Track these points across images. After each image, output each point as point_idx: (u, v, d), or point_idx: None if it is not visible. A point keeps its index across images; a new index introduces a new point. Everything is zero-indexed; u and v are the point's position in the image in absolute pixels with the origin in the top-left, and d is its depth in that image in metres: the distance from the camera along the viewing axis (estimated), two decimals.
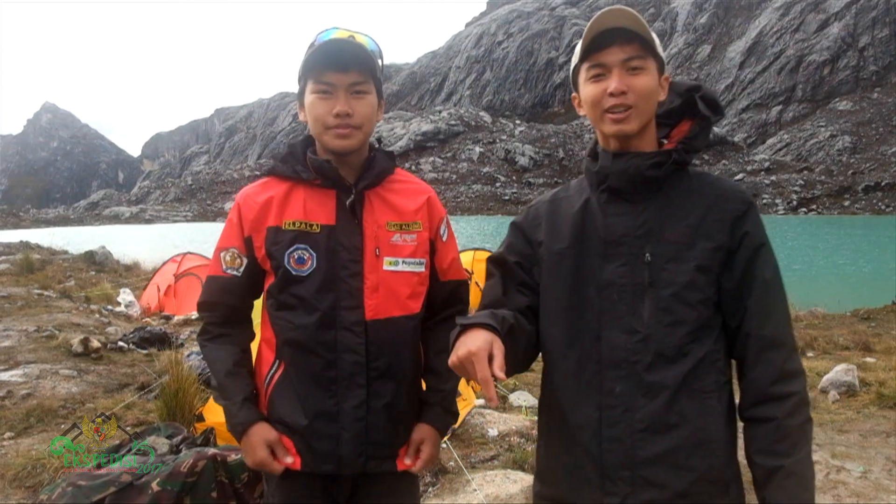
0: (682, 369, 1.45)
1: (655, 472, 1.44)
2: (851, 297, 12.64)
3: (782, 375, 1.44)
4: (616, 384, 1.47)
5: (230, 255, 1.77)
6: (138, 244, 30.63)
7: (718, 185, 1.55)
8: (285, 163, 1.78)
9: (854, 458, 4.29)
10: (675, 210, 1.51)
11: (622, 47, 1.49)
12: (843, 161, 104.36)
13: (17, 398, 5.27)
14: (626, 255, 1.51)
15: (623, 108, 1.50)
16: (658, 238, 1.50)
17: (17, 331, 7.50)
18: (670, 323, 1.46)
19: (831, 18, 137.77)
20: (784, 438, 1.41)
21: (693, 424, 1.44)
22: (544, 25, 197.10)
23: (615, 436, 1.46)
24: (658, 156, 1.52)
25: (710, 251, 1.47)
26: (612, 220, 1.54)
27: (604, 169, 1.55)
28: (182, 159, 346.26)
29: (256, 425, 1.71)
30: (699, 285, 1.47)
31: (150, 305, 11.49)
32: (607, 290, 1.51)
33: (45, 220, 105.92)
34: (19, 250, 19.87)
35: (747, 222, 1.50)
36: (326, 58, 1.69)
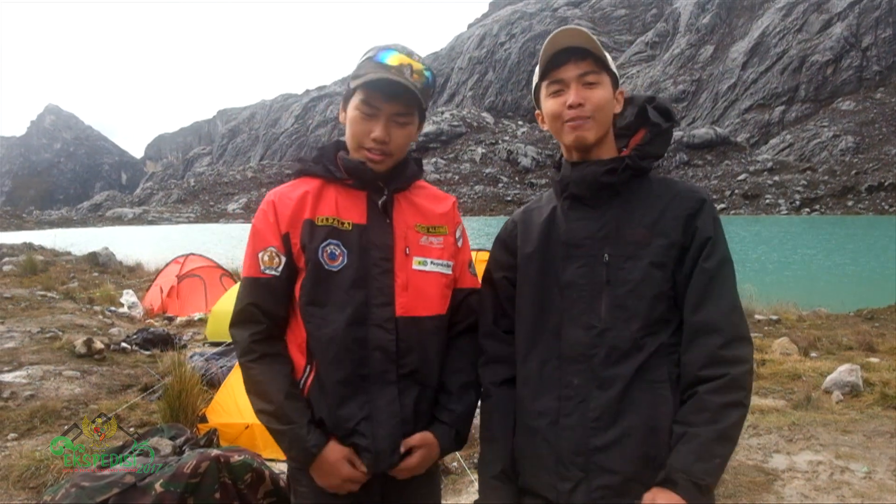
0: (635, 362, 1.53)
1: (607, 459, 1.52)
2: (855, 298, 12.62)
3: (714, 360, 1.47)
4: (574, 377, 1.58)
5: (268, 255, 1.73)
6: (141, 245, 30.68)
7: (675, 187, 1.65)
8: (317, 163, 1.79)
9: (858, 458, 4.28)
10: (633, 212, 1.62)
11: (577, 63, 1.62)
12: (847, 161, 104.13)
13: (20, 399, 5.28)
14: (585, 257, 1.62)
15: (581, 118, 1.62)
16: (617, 239, 1.60)
17: (20, 332, 7.52)
18: (625, 318, 1.55)
19: (834, 18, 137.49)
20: (700, 411, 1.45)
21: (643, 413, 1.51)
22: (547, 26, 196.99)
23: (570, 424, 1.56)
24: (612, 163, 1.63)
25: (665, 248, 1.56)
26: (574, 224, 1.66)
27: (564, 178, 1.69)
28: (185, 161, 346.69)
29: (330, 444, 1.67)
30: (654, 281, 1.55)
31: (152, 307, 11.50)
32: (568, 289, 1.63)
33: (49, 222, 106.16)
34: (23, 252, 19.90)
35: (699, 219, 1.58)
36: (378, 84, 1.69)
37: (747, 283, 12.48)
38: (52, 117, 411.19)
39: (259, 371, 1.71)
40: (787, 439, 4.65)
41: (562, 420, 1.58)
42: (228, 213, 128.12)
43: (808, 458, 4.29)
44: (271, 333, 1.74)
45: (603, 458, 1.52)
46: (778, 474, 4.06)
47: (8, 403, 5.19)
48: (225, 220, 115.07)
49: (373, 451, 1.69)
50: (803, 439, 4.63)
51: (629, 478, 1.49)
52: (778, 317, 10.61)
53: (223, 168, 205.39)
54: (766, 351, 7.75)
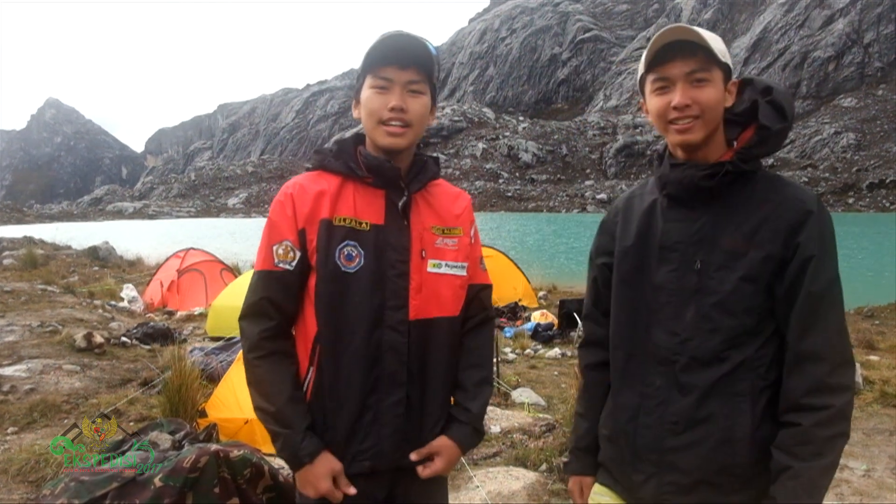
0: (715, 373, 1.53)
1: (679, 459, 1.56)
2: (855, 295, 12.59)
3: (818, 388, 1.44)
4: (657, 378, 1.61)
5: (283, 249, 1.70)
6: (141, 240, 30.70)
7: (782, 192, 1.54)
8: (337, 158, 1.77)
9: (857, 456, 4.28)
10: (731, 218, 1.55)
11: (685, 61, 1.53)
12: (848, 158, 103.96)
13: (20, 393, 5.29)
14: (677, 261, 1.60)
15: (688, 119, 1.55)
16: (711, 246, 1.56)
17: (20, 326, 7.52)
18: (709, 330, 1.54)
19: (836, 14, 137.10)
20: (806, 444, 1.43)
21: (720, 423, 1.52)
22: (548, 21, 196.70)
23: (649, 423, 1.62)
24: (712, 167, 1.55)
25: (760, 261, 1.50)
26: (670, 225, 1.63)
27: (664, 176, 1.65)
28: (185, 155, 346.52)
29: (321, 455, 1.67)
30: (744, 295, 1.51)
31: (153, 301, 11.51)
32: (659, 291, 1.63)
33: (49, 216, 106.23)
34: (23, 245, 19.90)
35: (802, 233, 1.48)
36: (387, 52, 1.70)
37: None
38: (53, 111, 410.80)
39: (265, 370, 1.69)
40: None
41: (642, 418, 1.63)
42: (229, 207, 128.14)
43: None
44: (281, 330, 1.73)
45: (675, 457, 1.57)
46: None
47: (8, 397, 5.19)
48: (225, 215, 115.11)
49: (375, 449, 1.70)
50: None
51: (699, 479, 1.55)
52: None
53: (223, 163, 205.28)
54: None
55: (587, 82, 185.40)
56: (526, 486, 3.72)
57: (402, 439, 1.73)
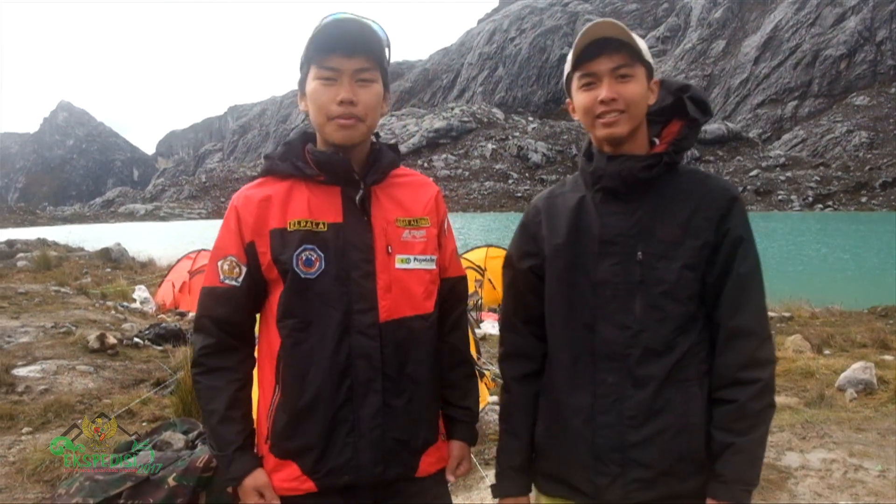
0: (669, 361, 1.56)
1: (642, 454, 1.56)
2: (869, 295, 12.51)
3: (749, 362, 1.55)
4: (608, 375, 1.60)
5: (228, 264, 1.64)
6: (153, 241, 30.88)
7: (706, 184, 1.63)
8: (283, 160, 1.67)
9: (872, 456, 4.24)
10: (666, 209, 1.60)
11: (611, 56, 1.58)
12: (860, 157, 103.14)
13: (35, 393, 5.33)
14: (619, 254, 1.60)
15: (615, 113, 1.58)
16: (650, 237, 1.59)
17: (34, 327, 7.58)
18: (659, 319, 1.57)
19: (848, 12, 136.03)
20: (742, 419, 1.53)
21: (676, 411, 1.56)
22: (557, 21, 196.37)
23: (607, 422, 1.59)
24: (650, 159, 1.60)
25: (697, 249, 1.57)
26: (607, 219, 1.63)
27: (598, 170, 1.64)
28: (196, 157, 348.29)
29: (248, 476, 1.63)
30: (687, 282, 1.57)
31: (165, 302, 11.58)
32: (601, 287, 1.61)
33: (62, 218, 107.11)
34: (36, 247, 20.08)
35: (730, 219, 1.58)
36: (332, 40, 1.58)
37: None
38: (65, 114, 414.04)
39: (202, 386, 1.67)
40: (800, 437, 4.62)
41: (598, 418, 1.60)
42: None
43: (821, 456, 4.26)
44: (223, 346, 1.66)
45: (638, 453, 1.57)
46: (791, 472, 4.03)
47: (22, 398, 5.24)
48: None
49: (353, 465, 1.62)
50: (817, 437, 4.60)
51: (663, 472, 1.56)
52: (791, 314, 10.53)
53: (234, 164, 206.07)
54: (778, 348, 7.70)
55: None
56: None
57: (386, 451, 1.64)
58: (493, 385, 5.93)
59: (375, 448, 1.63)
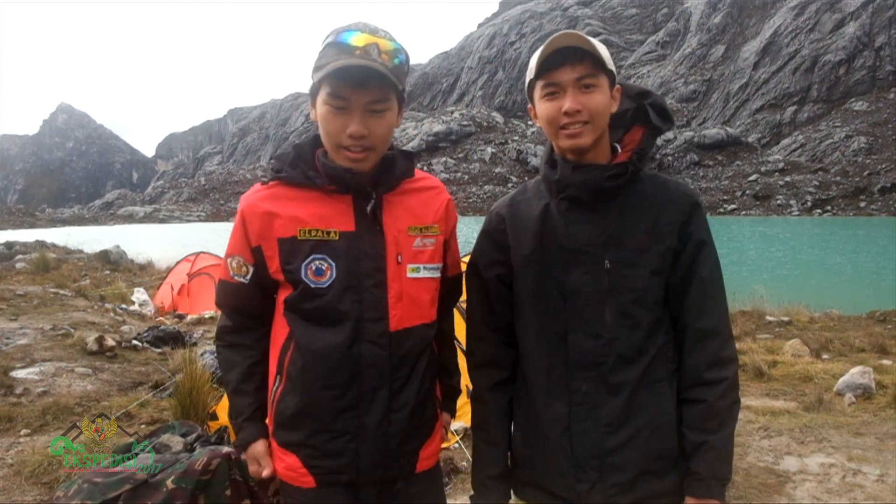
0: (640, 366, 1.59)
1: (620, 458, 1.59)
2: (867, 299, 12.51)
3: (715, 362, 1.60)
4: (583, 384, 1.61)
5: (236, 263, 1.70)
6: (152, 244, 30.84)
7: (668, 189, 1.65)
8: (294, 167, 1.65)
9: (871, 461, 4.24)
10: (631, 217, 1.61)
11: (573, 66, 1.56)
12: (859, 162, 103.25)
13: (33, 395, 5.33)
14: (587, 264, 1.61)
15: (578, 124, 1.57)
16: (617, 246, 1.60)
17: (33, 329, 7.57)
18: (630, 326, 1.59)
19: (847, 18, 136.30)
20: (712, 417, 1.58)
21: (650, 412, 1.59)
22: (557, 26, 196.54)
23: (584, 430, 1.60)
24: (615, 168, 1.60)
25: (662, 254, 1.60)
26: (574, 228, 1.63)
27: (563, 179, 1.63)
28: (195, 159, 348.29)
29: (251, 445, 1.73)
30: (654, 287, 1.60)
31: (163, 304, 11.57)
32: (572, 296, 1.61)
33: (61, 220, 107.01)
34: (35, 249, 20.06)
35: (692, 224, 1.62)
36: (344, 73, 1.50)
37: (758, 284, 12.39)
38: (65, 116, 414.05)
39: (221, 358, 1.80)
40: (798, 441, 4.62)
41: (574, 426, 1.61)
42: None
43: (819, 461, 4.26)
44: (240, 326, 1.77)
45: (616, 458, 1.59)
46: (789, 476, 4.03)
47: (21, 400, 5.23)
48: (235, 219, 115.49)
49: (354, 467, 1.64)
50: (815, 441, 4.60)
51: (642, 472, 1.59)
52: (789, 318, 10.52)
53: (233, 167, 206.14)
54: (777, 352, 7.69)
55: None
56: None
57: (386, 456, 1.66)
58: None
59: (377, 453, 1.64)
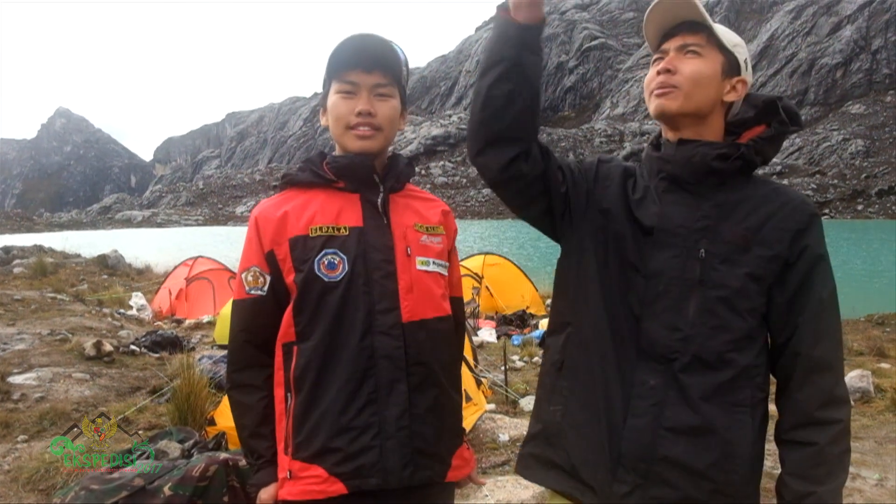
0: (719, 377, 1.41)
1: (671, 472, 1.40)
2: (865, 303, 12.51)
3: (830, 400, 1.41)
4: (650, 377, 1.43)
5: (252, 275, 1.69)
6: (150, 248, 30.80)
7: (784, 193, 1.50)
8: (303, 170, 1.73)
9: (870, 465, 4.24)
10: (735, 209, 1.46)
11: (684, 36, 1.50)
12: (856, 165, 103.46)
13: (30, 401, 5.31)
14: (679, 247, 1.45)
15: (668, 86, 1.48)
16: (715, 235, 1.45)
17: (30, 334, 7.56)
18: (714, 326, 1.41)
19: (844, 21, 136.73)
20: (821, 464, 1.39)
21: (721, 436, 1.40)
22: (555, 30, 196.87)
23: (639, 426, 1.42)
24: (726, 147, 1.47)
25: (766, 260, 1.43)
26: (670, 208, 1.48)
27: (665, 155, 1.52)
28: (193, 163, 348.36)
29: (263, 489, 1.71)
30: (749, 293, 1.42)
31: (161, 309, 11.55)
32: (655, 279, 1.46)
33: (59, 224, 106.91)
34: (33, 254, 19.99)
35: (809, 235, 1.45)
36: (351, 55, 1.67)
37: None
38: (63, 120, 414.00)
39: (234, 401, 1.76)
40: None
41: (630, 419, 1.43)
42: (237, 215, 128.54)
43: None
44: (252, 363, 1.72)
45: (667, 470, 1.41)
46: None
47: (18, 405, 5.21)
48: (233, 223, 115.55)
49: (381, 468, 1.60)
50: None
51: (689, 497, 1.41)
52: None
53: (231, 171, 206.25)
54: None
55: (594, 90, 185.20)
56: (535, 496, 3.70)
57: (412, 452, 1.63)
58: (490, 393, 5.92)
59: (403, 450, 1.61)
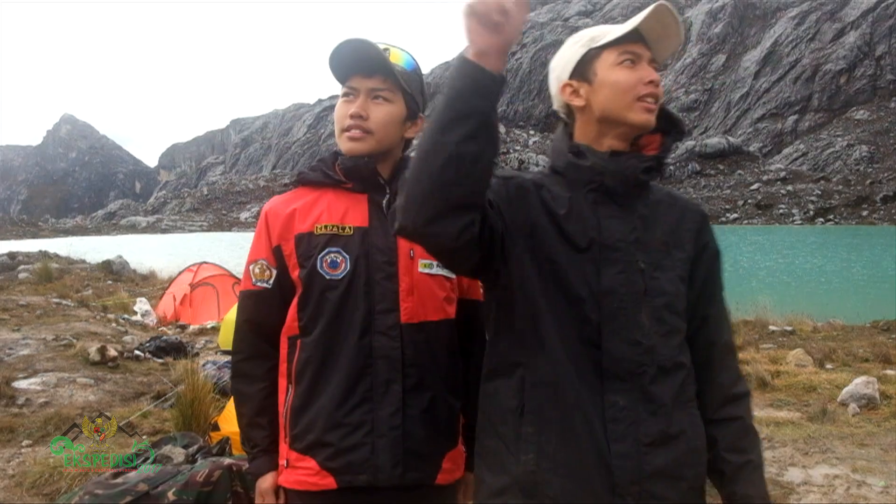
0: (676, 381, 1.47)
1: (658, 486, 1.42)
2: (870, 309, 12.47)
3: (738, 377, 1.57)
4: (619, 397, 1.41)
5: (259, 268, 1.74)
6: (154, 254, 30.87)
7: (678, 197, 1.62)
8: (314, 170, 1.77)
9: (875, 472, 4.22)
10: (652, 217, 1.52)
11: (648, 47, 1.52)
12: (861, 171, 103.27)
13: (35, 406, 5.33)
14: (622, 262, 1.45)
15: (655, 99, 1.48)
16: (645, 245, 1.48)
17: (35, 339, 7.59)
18: (665, 333, 1.46)
19: (847, 27, 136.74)
20: (747, 434, 1.52)
21: (687, 435, 1.46)
22: (558, 36, 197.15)
23: (623, 451, 1.40)
24: (650, 160, 1.50)
25: (683, 261, 1.52)
26: (608, 222, 1.47)
27: (597, 166, 1.48)
28: (198, 170, 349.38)
29: (261, 478, 1.75)
30: (681, 294, 1.51)
31: (165, 315, 11.57)
32: (607, 297, 1.43)
33: (64, 230, 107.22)
34: (38, 259, 20.09)
35: (706, 233, 1.58)
36: (348, 61, 1.70)
37: (761, 293, 12.37)
38: (68, 127, 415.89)
39: (235, 390, 1.82)
40: (802, 452, 4.60)
41: (613, 446, 1.40)
42: (241, 221, 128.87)
43: (824, 472, 4.24)
44: (256, 353, 1.77)
45: (655, 484, 1.41)
46: (793, 488, 4.01)
47: (23, 410, 5.23)
48: (237, 229, 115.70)
49: (371, 465, 1.62)
50: (819, 452, 4.58)
51: (674, 502, 1.44)
52: (792, 328, 10.49)
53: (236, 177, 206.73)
54: (780, 362, 7.68)
55: None
56: None
57: (403, 452, 1.64)
58: None
59: (394, 449, 1.63)
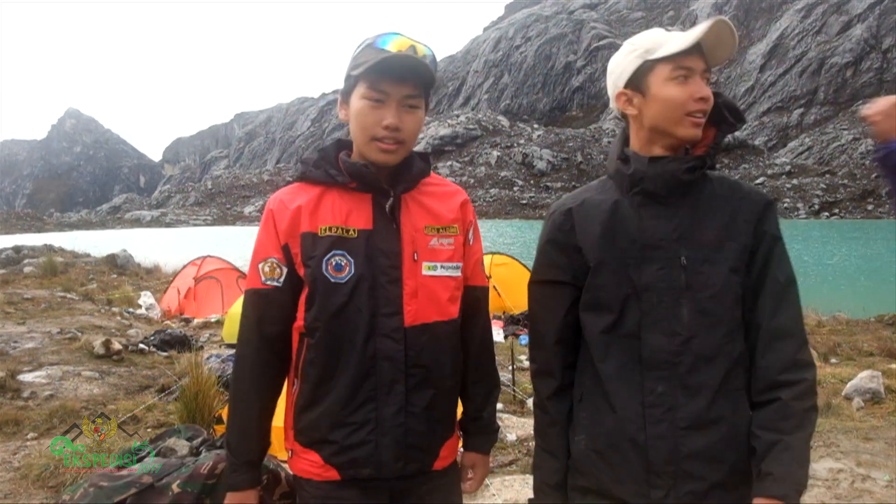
0: (720, 369, 1.53)
1: (696, 466, 1.52)
2: (875, 303, 12.43)
3: (793, 364, 1.52)
4: (657, 384, 1.55)
5: (269, 266, 1.70)
6: (159, 247, 30.94)
7: (739, 188, 1.64)
8: (317, 167, 1.72)
9: (880, 466, 4.21)
10: (704, 213, 1.59)
11: (703, 57, 1.60)
12: (866, 164, 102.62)
13: (40, 399, 5.35)
14: (663, 259, 1.57)
15: (703, 114, 1.58)
16: (691, 241, 1.57)
17: (40, 332, 7.62)
18: (709, 324, 1.54)
19: (854, 20, 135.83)
20: (788, 417, 1.49)
21: (729, 421, 1.52)
22: (562, 29, 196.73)
23: (659, 433, 1.54)
24: (693, 160, 1.59)
25: (739, 252, 1.56)
26: (649, 223, 1.60)
27: (638, 172, 1.61)
28: (202, 164, 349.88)
29: (242, 493, 1.72)
30: (732, 286, 1.55)
31: (170, 308, 11.61)
32: (647, 293, 1.57)
33: (69, 224, 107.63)
34: (43, 253, 20.12)
35: (767, 221, 1.60)
36: (387, 66, 1.60)
37: None
38: (73, 121, 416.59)
39: (232, 396, 1.78)
40: None
41: (650, 428, 1.55)
42: (245, 215, 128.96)
43: (828, 466, 4.23)
44: (260, 359, 1.72)
45: (692, 465, 1.53)
46: None
47: (28, 403, 5.26)
48: (241, 223, 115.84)
49: (375, 461, 1.66)
50: (823, 446, 4.57)
51: (715, 483, 1.53)
52: None
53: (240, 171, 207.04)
54: None
55: (602, 90, 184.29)
56: None
57: (405, 447, 1.68)
58: None
59: (397, 445, 1.67)
